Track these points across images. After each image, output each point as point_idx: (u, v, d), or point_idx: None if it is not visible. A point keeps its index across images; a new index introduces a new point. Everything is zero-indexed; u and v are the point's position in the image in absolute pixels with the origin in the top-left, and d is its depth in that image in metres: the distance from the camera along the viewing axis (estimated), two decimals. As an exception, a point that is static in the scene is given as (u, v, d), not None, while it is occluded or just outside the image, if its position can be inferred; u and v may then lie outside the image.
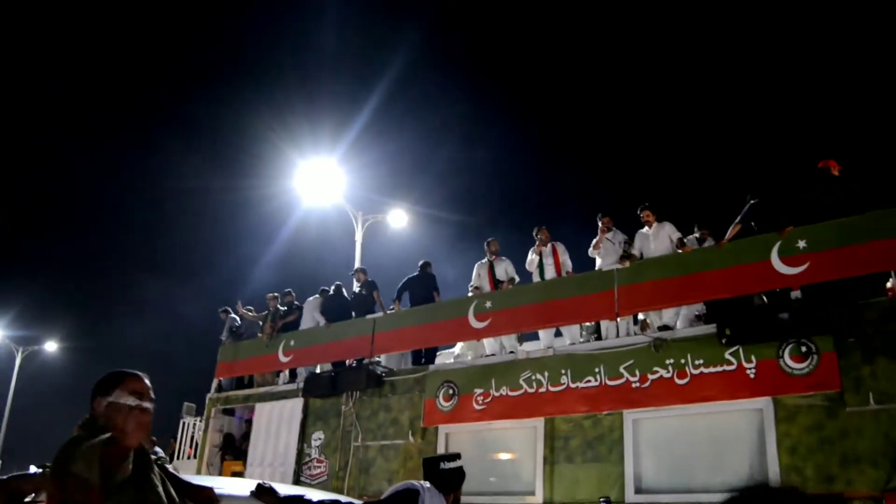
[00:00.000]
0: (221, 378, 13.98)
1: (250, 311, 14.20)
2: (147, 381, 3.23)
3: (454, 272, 11.20)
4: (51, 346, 35.70)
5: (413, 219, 18.50)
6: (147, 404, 3.13)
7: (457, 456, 4.59)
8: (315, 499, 4.39)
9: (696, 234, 10.04)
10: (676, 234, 9.38)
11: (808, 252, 7.95)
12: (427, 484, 4.33)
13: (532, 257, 10.47)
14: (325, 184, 17.03)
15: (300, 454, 11.71)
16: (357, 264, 16.58)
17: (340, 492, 10.74)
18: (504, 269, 10.65)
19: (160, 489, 3.06)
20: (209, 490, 3.64)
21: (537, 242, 10.44)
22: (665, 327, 8.97)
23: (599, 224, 9.92)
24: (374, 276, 12.81)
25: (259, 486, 4.03)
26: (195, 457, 13.79)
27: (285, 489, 4.36)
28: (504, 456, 9.66)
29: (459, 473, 4.53)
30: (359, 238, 17.20)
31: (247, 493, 4.06)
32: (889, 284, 8.00)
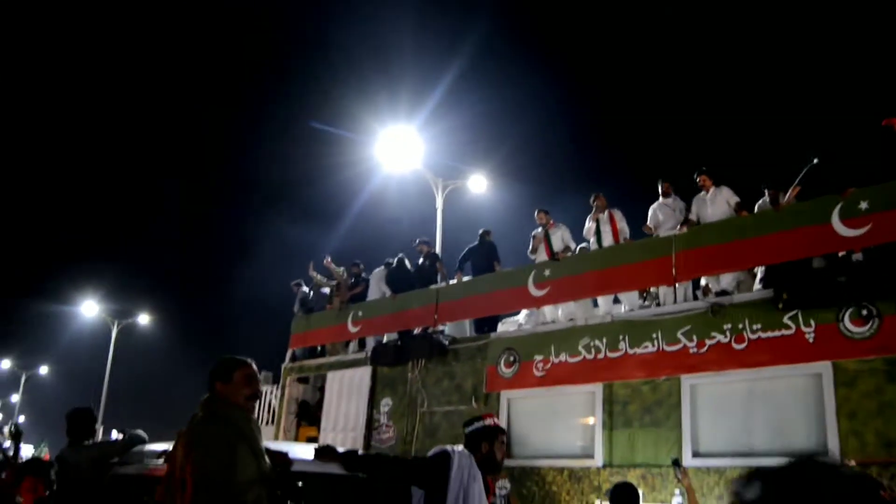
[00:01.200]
0: (295, 348, 14.53)
1: (327, 271, 14.46)
2: (255, 367, 3.85)
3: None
4: (143, 319, 37.56)
5: (493, 184, 18.57)
6: (259, 389, 3.87)
7: (476, 419, 5.00)
8: (370, 456, 5.11)
9: (766, 198, 9.79)
10: (735, 199, 9.28)
11: (871, 213, 7.76)
12: (459, 447, 4.77)
13: (589, 224, 10.52)
14: (405, 151, 17.07)
15: (370, 420, 12.12)
16: (438, 231, 16.86)
17: (408, 454, 11.14)
18: (560, 236, 10.72)
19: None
20: (284, 454, 4.08)
21: (594, 209, 10.47)
22: (723, 292, 8.91)
23: (660, 188, 9.93)
24: (455, 242, 12.95)
25: (318, 447, 4.53)
26: (272, 423, 14.41)
27: (342, 450, 4.78)
28: (563, 420, 9.81)
29: (481, 432, 4.90)
30: (439, 204, 17.37)
31: (311, 456, 4.48)
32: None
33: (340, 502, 5.11)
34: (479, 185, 17.90)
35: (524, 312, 11.84)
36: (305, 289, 15.02)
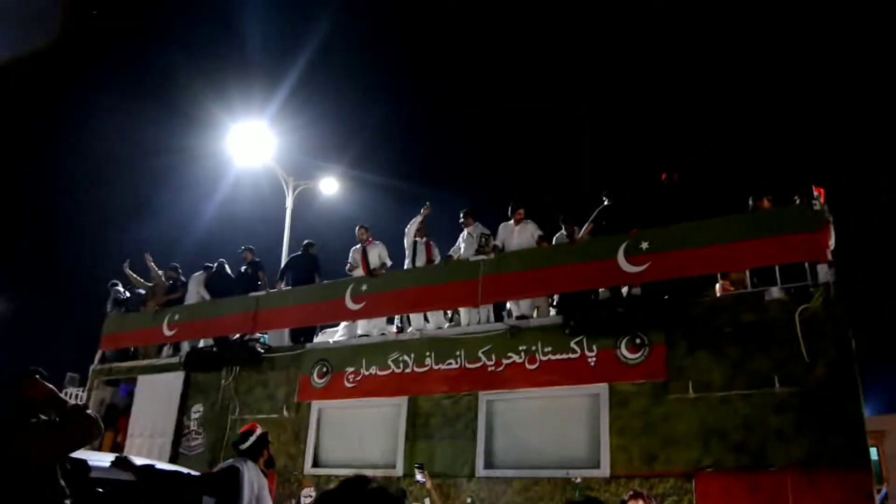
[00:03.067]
0: (106, 350, 14.03)
1: (150, 269, 14.08)
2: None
3: (387, 236, 11.47)
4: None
5: (346, 185, 18.59)
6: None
7: (249, 433, 6.05)
8: (165, 468, 5.82)
9: (563, 230, 10.67)
10: (538, 233, 10.08)
11: (650, 253, 8.71)
12: (244, 460, 5.75)
13: (409, 241, 10.99)
14: (256, 147, 16.88)
15: (179, 426, 11.97)
16: (286, 230, 16.78)
17: (216, 462, 11.11)
18: (377, 254, 11.14)
19: None
20: (83, 461, 4.35)
21: (417, 227, 10.97)
22: (522, 317, 9.65)
23: (461, 219, 10.60)
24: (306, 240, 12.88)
25: (117, 457, 5.13)
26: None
27: (139, 461, 5.48)
28: (370, 430, 10.18)
29: (260, 441, 6.03)
30: (289, 203, 17.28)
31: (108, 464, 5.03)
32: (717, 286, 8.85)
33: None
34: (330, 186, 18.00)
35: (343, 325, 12.16)
36: (121, 289, 14.55)
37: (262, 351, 11.55)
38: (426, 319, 10.54)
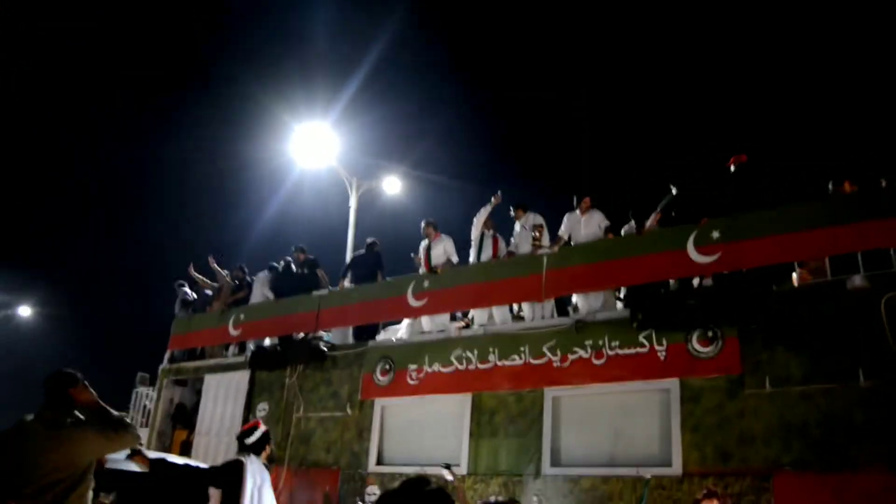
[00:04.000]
0: (174, 349, 14.27)
1: (211, 272, 14.28)
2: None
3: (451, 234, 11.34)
4: (24, 311, 35.82)
5: (409, 184, 18.59)
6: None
7: (254, 429, 6.63)
8: (175, 461, 6.48)
9: (632, 223, 10.36)
10: (606, 223, 9.79)
11: (721, 242, 8.36)
12: (248, 454, 6.32)
13: (476, 234, 10.79)
14: (319, 148, 16.96)
15: (245, 424, 12.04)
16: (351, 230, 16.87)
17: (281, 461, 11.15)
18: (443, 248, 10.97)
19: None
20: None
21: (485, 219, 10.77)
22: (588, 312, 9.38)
23: (511, 213, 10.43)
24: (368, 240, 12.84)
25: (132, 450, 5.41)
26: (146, 425, 14.09)
27: (153, 454, 6.10)
28: (433, 429, 10.05)
29: (263, 438, 6.56)
30: (353, 203, 17.36)
31: (123, 457, 5.46)
32: (794, 275, 8.43)
33: (147, 496, 6.48)
34: (393, 186, 18.04)
35: (406, 322, 12.06)
36: (188, 290, 14.78)
37: (326, 349, 11.55)
38: (490, 315, 10.34)
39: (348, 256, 16.01)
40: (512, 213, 10.54)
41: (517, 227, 10.47)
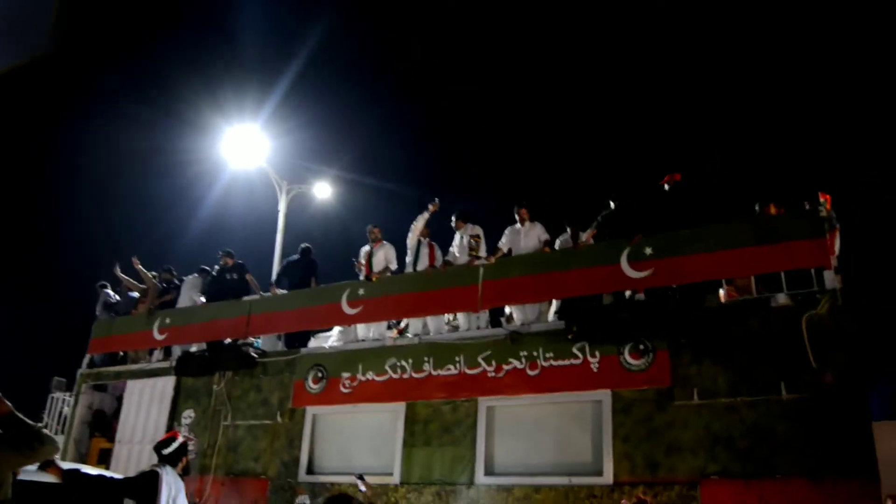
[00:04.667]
0: (94, 354, 13.77)
1: (139, 273, 13.81)
2: None
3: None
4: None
5: (340, 189, 18.54)
6: None
7: (172, 439, 6.58)
8: (90, 472, 6.38)
9: (568, 233, 10.50)
10: (545, 236, 9.96)
11: (654, 259, 8.62)
12: (163, 465, 6.27)
13: (412, 242, 10.81)
14: (250, 150, 16.78)
15: (169, 432, 11.73)
16: (279, 234, 16.62)
17: (207, 469, 10.93)
18: (383, 255, 10.94)
19: None
20: None
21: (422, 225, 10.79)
22: (523, 323, 9.52)
23: (452, 222, 10.51)
24: (299, 245, 12.66)
25: (44, 461, 5.38)
26: (63, 433, 13.56)
27: (66, 465, 6.09)
28: (366, 437, 10.00)
29: (181, 449, 6.50)
30: (282, 207, 17.14)
31: (35, 468, 5.32)
32: (721, 291, 8.75)
33: None
34: (323, 191, 17.89)
35: (337, 329, 11.98)
36: (110, 291, 14.30)
37: (256, 356, 11.36)
38: (425, 324, 10.38)
39: (276, 261, 15.81)
40: (453, 223, 10.60)
41: (457, 237, 10.55)
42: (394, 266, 11.03)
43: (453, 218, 10.61)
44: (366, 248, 11.26)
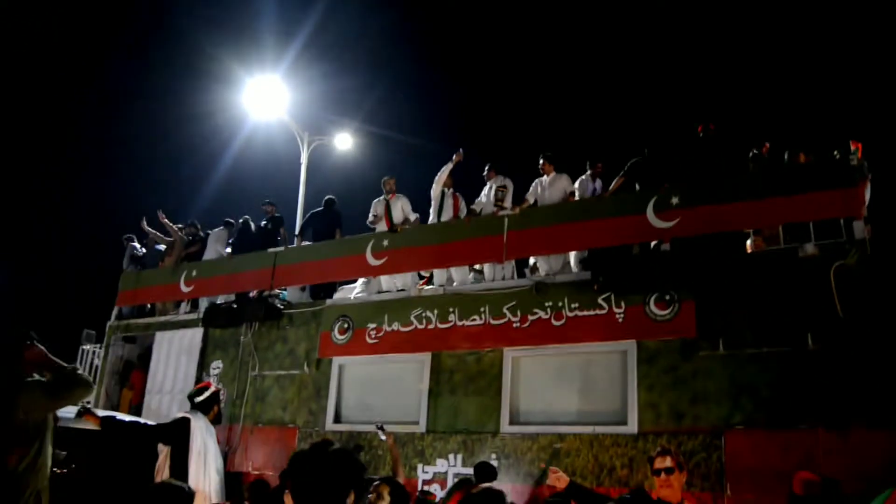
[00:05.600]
0: (122, 306, 13.99)
1: (165, 227, 13.97)
2: None
3: (405, 192, 11.28)
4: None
5: (361, 140, 18.53)
6: None
7: (204, 389, 7.45)
8: (124, 419, 7.17)
9: (589, 172, 10.47)
10: (571, 188, 9.91)
11: (680, 208, 8.55)
12: (195, 412, 6.98)
13: (436, 192, 10.80)
14: (270, 100, 16.74)
15: (198, 382, 11.93)
16: (301, 186, 16.69)
17: (236, 419, 11.14)
18: (400, 207, 10.97)
19: None
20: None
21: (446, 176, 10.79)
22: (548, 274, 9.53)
23: (485, 172, 10.46)
24: (322, 196, 12.76)
25: (81, 408, 6.09)
26: (95, 384, 13.84)
27: (102, 412, 6.64)
28: (392, 387, 10.14)
29: (212, 398, 7.30)
30: (304, 159, 17.18)
31: (73, 415, 5.45)
32: (748, 242, 8.69)
33: (98, 453, 6.78)
34: (344, 142, 17.87)
35: (360, 281, 12.06)
36: (137, 244, 14.46)
37: (282, 307, 11.48)
38: (450, 275, 10.41)
39: (299, 213, 15.86)
40: (485, 172, 10.56)
41: (486, 188, 10.52)
42: (412, 217, 11.05)
43: (486, 168, 10.56)
44: (380, 200, 11.26)
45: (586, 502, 5.84)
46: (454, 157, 10.62)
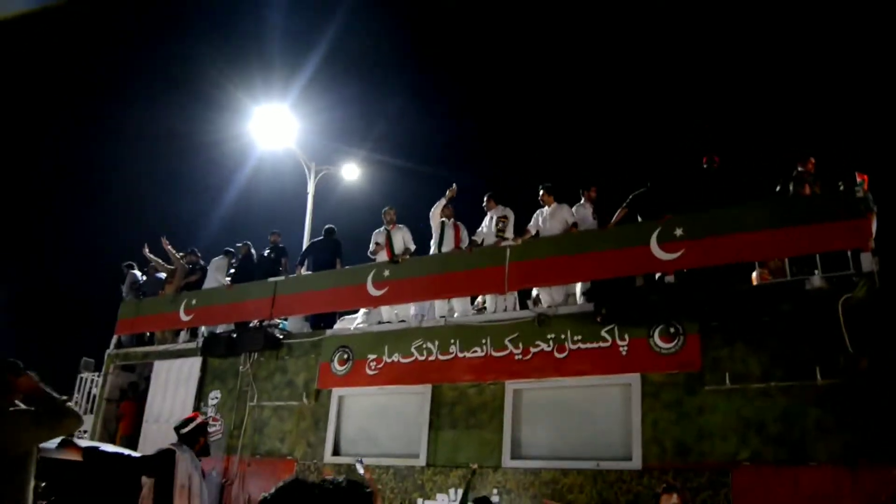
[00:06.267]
0: (121, 334, 13.88)
1: (168, 253, 13.87)
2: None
3: (409, 222, 11.26)
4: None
5: (367, 170, 18.57)
6: None
7: (190, 420, 7.14)
8: (108, 450, 6.85)
9: (583, 199, 10.32)
10: (572, 219, 9.83)
11: (684, 239, 8.45)
12: (180, 444, 6.76)
13: (436, 223, 10.76)
14: (278, 131, 16.81)
15: (195, 412, 11.79)
16: (308, 215, 16.64)
17: (234, 450, 10.98)
18: (401, 237, 10.91)
19: None
20: None
21: (442, 209, 10.76)
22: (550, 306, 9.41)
23: (484, 203, 10.45)
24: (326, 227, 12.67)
25: (63, 439, 5.81)
26: (91, 412, 13.69)
27: (85, 443, 6.41)
28: (392, 419, 9.97)
29: (197, 429, 7.02)
30: (311, 188, 17.16)
31: (56, 446, 5.79)
32: (754, 274, 8.58)
33: (80, 484, 6.84)
34: (351, 172, 17.89)
35: (361, 311, 11.95)
36: (137, 272, 14.38)
37: (281, 337, 11.37)
38: (451, 307, 10.31)
39: (305, 242, 15.82)
40: (484, 203, 10.51)
41: (488, 217, 10.46)
42: (412, 247, 10.99)
43: (485, 198, 10.52)
44: (381, 230, 11.20)
45: None
46: (448, 192, 10.63)
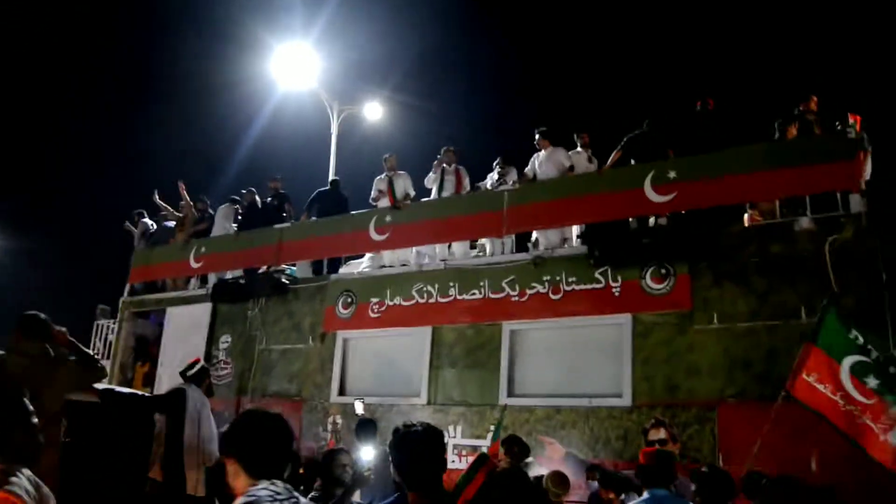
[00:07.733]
0: (134, 282, 14.22)
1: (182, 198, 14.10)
2: None
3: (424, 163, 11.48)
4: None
5: (390, 109, 18.53)
6: None
7: (195, 363, 7.83)
8: (122, 391, 7.76)
9: (578, 144, 10.41)
10: (568, 163, 9.93)
11: (677, 182, 8.55)
12: (189, 384, 7.45)
13: (432, 175, 10.92)
14: (300, 68, 16.68)
15: (208, 356, 12.13)
16: (332, 156, 16.70)
17: (244, 392, 11.37)
18: (402, 184, 11.06)
19: None
20: None
21: (440, 160, 10.89)
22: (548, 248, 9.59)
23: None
24: (350, 167, 12.84)
25: None
26: (108, 358, 14.11)
27: (101, 386, 6.71)
28: (394, 360, 10.29)
29: (203, 371, 7.72)
30: (334, 129, 17.16)
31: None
32: (745, 216, 8.68)
33: (98, 424, 7.13)
34: (374, 112, 17.85)
35: (367, 256, 12.17)
36: (148, 220, 14.64)
37: (288, 283, 11.64)
38: (450, 249, 10.52)
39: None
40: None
41: (494, 172, 10.59)
42: (412, 193, 11.16)
43: (497, 161, 10.66)
44: (382, 178, 11.36)
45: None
46: (443, 150, 10.97)
